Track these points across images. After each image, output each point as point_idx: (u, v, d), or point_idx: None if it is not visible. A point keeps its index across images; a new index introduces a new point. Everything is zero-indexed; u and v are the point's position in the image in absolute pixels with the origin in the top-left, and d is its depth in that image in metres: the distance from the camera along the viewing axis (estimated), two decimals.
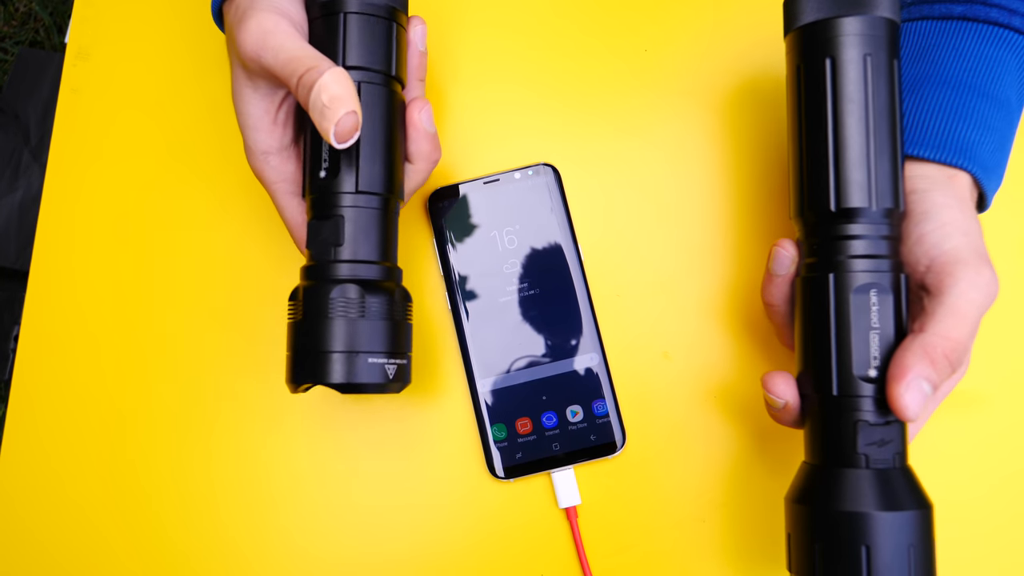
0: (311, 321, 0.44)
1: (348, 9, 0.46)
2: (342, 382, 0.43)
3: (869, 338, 0.42)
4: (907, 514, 0.40)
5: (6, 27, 1.48)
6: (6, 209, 1.34)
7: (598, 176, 0.56)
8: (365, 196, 0.46)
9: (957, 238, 0.43)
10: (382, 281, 0.46)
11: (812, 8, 0.44)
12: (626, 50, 0.58)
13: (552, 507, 0.54)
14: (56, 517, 0.55)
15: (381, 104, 0.46)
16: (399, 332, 0.46)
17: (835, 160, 0.43)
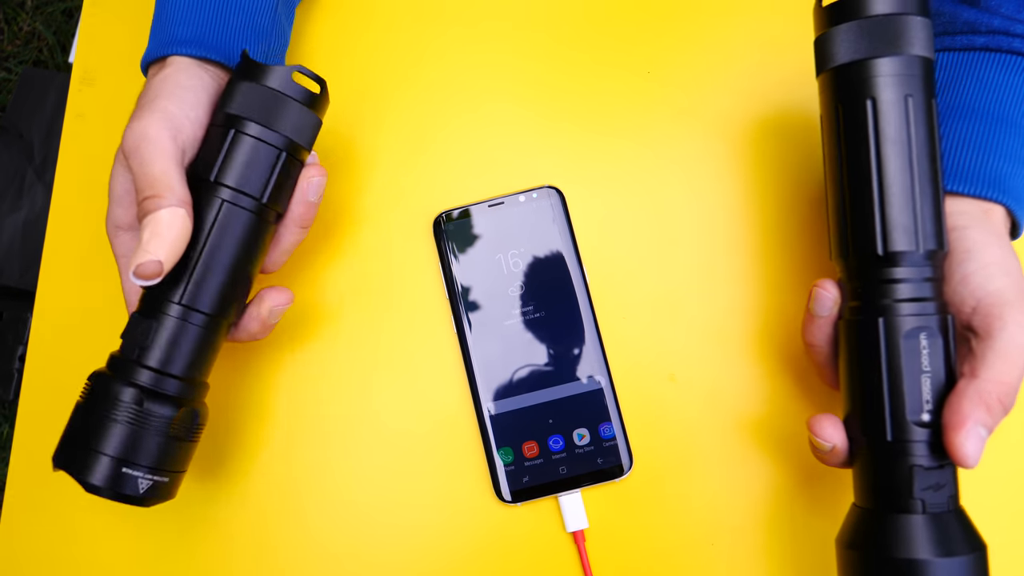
0: (90, 412, 0.44)
1: (240, 128, 0.46)
2: (94, 483, 0.43)
3: (921, 382, 0.42)
4: (964, 559, 0.40)
5: (10, 46, 1.49)
6: (10, 229, 1.34)
7: (603, 198, 0.57)
8: (189, 311, 0.46)
9: (1001, 278, 0.43)
10: (174, 396, 0.45)
11: (847, 49, 0.44)
12: (629, 72, 0.58)
13: (560, 531, 0.53)
14: (63, 538, 0.55)
15: (239, 229, 0.46)
16: (172, 449, 0.45)
17: (880, 203, 0.43)
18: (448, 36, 0.59)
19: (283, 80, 0.47)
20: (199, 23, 0.49)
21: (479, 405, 0.54)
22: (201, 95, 0.47)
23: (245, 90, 0.47)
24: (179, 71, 0.47)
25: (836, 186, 0.45)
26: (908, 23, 0.43)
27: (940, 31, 0.49)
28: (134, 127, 0.45)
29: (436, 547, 0.53)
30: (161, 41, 0.49)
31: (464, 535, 0.53)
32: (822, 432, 0.45)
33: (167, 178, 0.44)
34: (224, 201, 0.46)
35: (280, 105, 0.47)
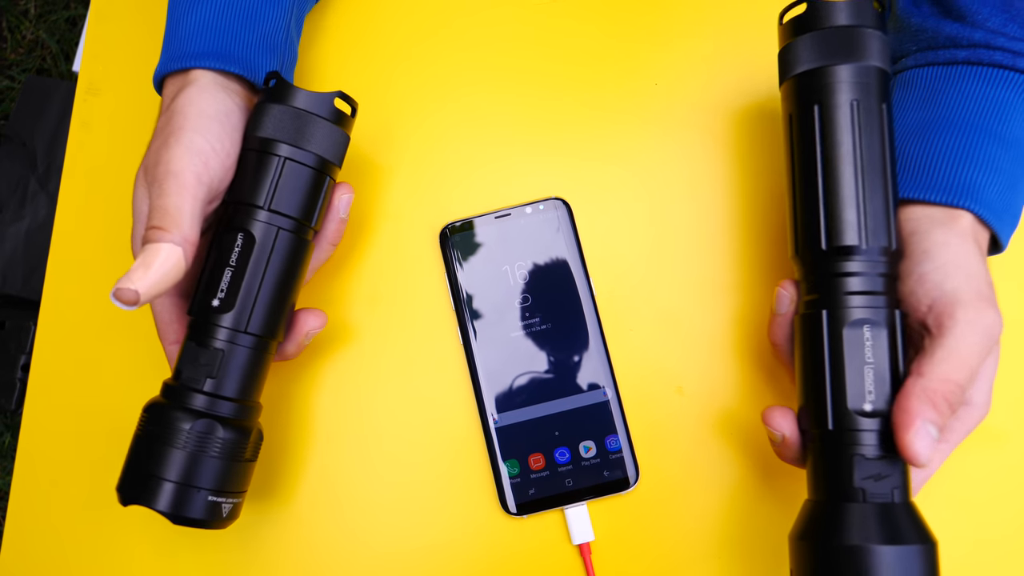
0: (157, 443, 0.44)
1: (284, 154, 0.47)
2: (168, 512, 0.44)
3: (864, 373, 0.43)
4: (908, 548, 0.40)
5: (13, 55, 1.49)
6: (12, 238, 1.34)
7: (610, 210, 0.57)
8: (248, 336, 0.46)
9: (956, 278, 0.43)
10: (238, 420, 0.46)
11: (805, 58, 0.46)
12: (636, 85, 0.58)
13: (565, 544, 0.53)
14: (69, 546, 0.54)
15: (290, 253, 0.47)
16: (240, 472, 0.46)
17: (826, 201, 0.45)
18: (455, 50, 0.59)
19: (324, 105, 0.48)
20: (217, 36, 0.48)
21: (485, 417, 0.54)
22: (227, 124, 0.47)
23: (289, 116, 0.47)
24: (202, 92, 0.47)
25: (791, 188, 0.47)
26: (860, 35, 0.45)
27: (925, 47, 0.50)
28: (161, 155, 0.45)
29: (442, 560, 0.53)
30: (178, 54, 0.48)
31: (470, 548, 0.53)
32: (772, 422, 0.46)
33: (179, 214, 0.44)
34: (280, 229, 0.47)
35: (321, 130, 0.48)
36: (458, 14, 0.60)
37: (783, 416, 0.46)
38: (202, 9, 0.49)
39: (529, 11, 0.59)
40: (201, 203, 0.45)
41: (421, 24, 0.60)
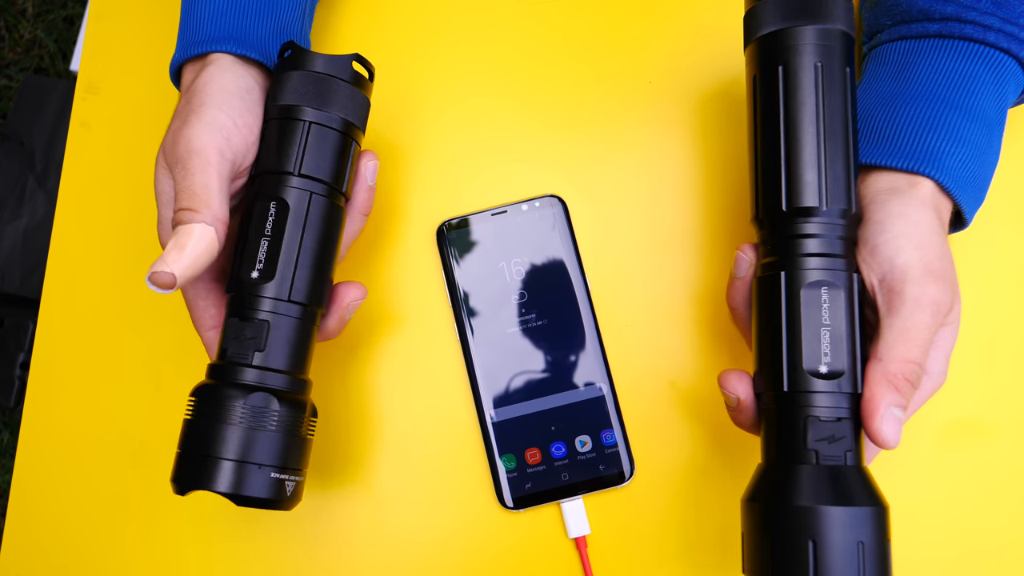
0: (209, 424, 0.42)
1: (309, 119, 0.46)
2: (229, 492, 0.41)
3: (820, 334, 0.43)
4: (856, 510, 0.40)
5: (11, 54, 1.49)
6: (11, 236, 1.34)
7: (605, 207, 0.57)
8: (292, 305, 0.45)
9: (908, 252, 0.44)
10: (291, 393, 0.44)
11: (769, 20, 0.46)
12: (631, 83, 0.58)
13: (562, 537, 0.54)
14: (69, 544, 0.55)
15: (325, 218, 0.46)
16: (299, 447, 0.44)
17: (787, 161, 0.44)
18: (450, 50, 0.59)
19: (343, 67, 0.47)
20: (235, 22, 0.48)
21: (482, 412, 0.54)
22: (248, 100, 0.47)
23: (310, 80, 0.46)
24: (223, 71, 0.47)
25: (752, 151, 0.47)
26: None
27: (899, 20, 0.50)
28: (182, 134, 0.45)
29: (439, 553, 0.54)
30: (196, 39, 0.48)
31: (467, 541, 0.54)
32: (727, 385, 0.46)
33: (207, 193, 0.43)
34: (313, 194, 0.46)
35: (343, 92, 0.47)
36: (454, 15, 0.60)
37: (739, 379, 0.46)
38: (212, 2, 0.48)
39: (525, 12, 0.60)
40: (227, 180, 0.45)
41: (417, 22, 0.60)
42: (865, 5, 0.55)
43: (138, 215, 0.58)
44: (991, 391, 0.54)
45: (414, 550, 0.54)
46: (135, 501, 0.55)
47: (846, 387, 0.42)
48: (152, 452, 0.55)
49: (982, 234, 0.56)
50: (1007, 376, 0.54)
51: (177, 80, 0.50)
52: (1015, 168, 0.56)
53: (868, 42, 0.53)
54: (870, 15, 0.53)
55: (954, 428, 0.54)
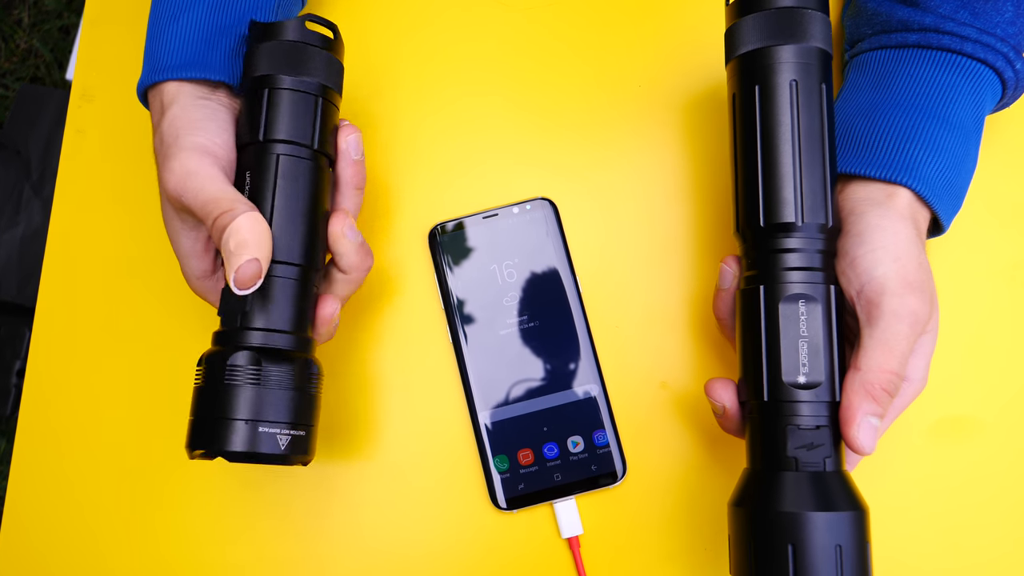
0: (212, 387, 0.43)
1: (273, 85, 0.46)
2: (235, 450, 0.42)
3: (798, 346, 0.44)
4: (834, 515, 0.41)
5: (7, 63, 1.49)
6: (7, 244, 1.34)
7: (595, 210, 0.57)
8: (278, 265, 0.45)
9: (887, 264, 0.44)
10: (290, 351, 0.45)
11: (749, 39, 0.46)
12: (620, 88, 0.59)
13: (555, 537, 0.54)
14: (64, 551, 0.55)
15: (300, 176, 0.46)
16: (302, 402, 0.45)
17: (764, 179, 0.45)
18: (441, 56, 0.60)
19: (298, 30, 0.47)
20: (198, 47, 0.48)
21: (475, 414, 0.54)
22: (218, 120, 0.47)
23: (266, 50, 0.47)
24: (186, 107, 0.46)
25: (733, 167, 0.47)
26: (802, 16, 0.45)
27: (879, 30, 0.51)
28: (172, 167, 0.44)
29: (433, 554, 0.54)
30: (159, 66, 0.48)
31: (461, 542, 0.54)
32: (713, 393, 0.47)
33: (228, 194, 0.43)
34: (280, 155, 0.46)
35: (301, 54, 0.47)
36: (444, 20, 0.60)
37: (724, 388, 0.47)
38: (184, 21, 0.48)
39: (515, 16, 0.60)
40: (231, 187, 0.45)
41: (407, 25, 0.60)
42: (847, 13, 0.55)
43: (132, 221, 0.58)
44: (977, 389, 0.54)
45: (409, 550, 0.54)
46: (130, 507, 0.55)
47: (825, 396, 0.43)
48: (147, 458, 0.55)
49: (966, 236, 0.56)
50: (992, 374, 0.55)
51: (144, 100, 0.50)
52: (998, 171, 0.57)
53: (849, 49, 0.54)
54: (852, 23, 0.54)
55: (942, 426, 0.54)
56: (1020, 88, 0.50)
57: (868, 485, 0.53)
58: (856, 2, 0.53)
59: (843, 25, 0.55)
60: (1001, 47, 0.48)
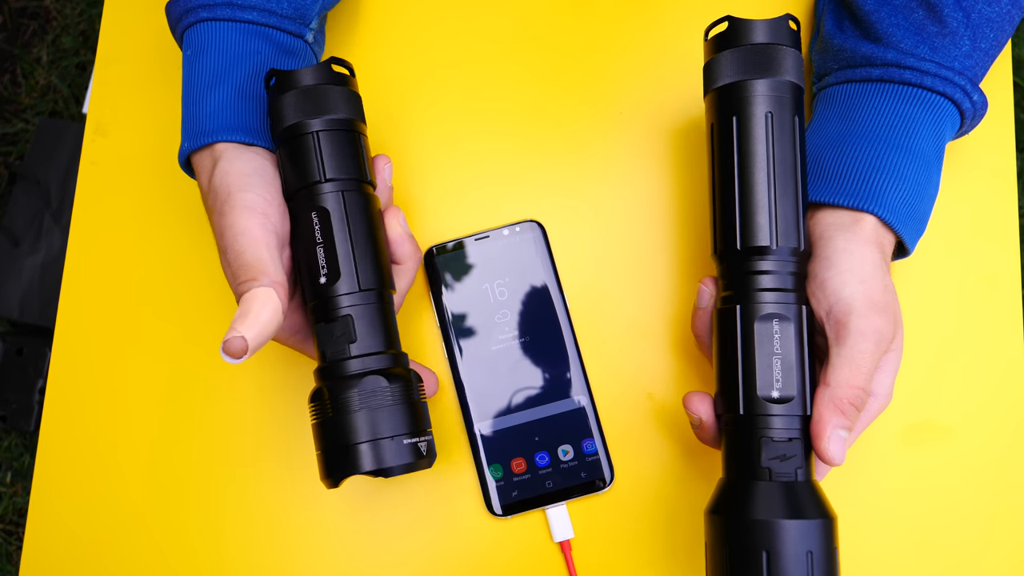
0: (337, 418, 0.44)
1: (315, 129, 0.47)
2: (375, 468, 0.43)
3: (772, 363, 0.44)
4: (806, 523, 0.41)
5: (27, 99, 1.50)
6: (29, 270, 1.34)
7: (581, 232, 0.58)
8: (366, 293, 0.46)
9: (853, 286, 0.45)
10: (393, 368, 0.46)
11: (725, 73, 0.47)
12: (605, 117, 0.59)
13: (547, 541, 0.54)
14: (85, 559, 0.55)
15: (364, 208, 0.47)
16: (418, 411, 0.46)
17: (740, 205, 0.46)
18: (435, 85, 0.60)
19: (324, 74, 0.47)
20: (240, 114, 0.48)
21: (470, 425, 0.54)
22: (265, 176, 0.47)
23: (299, 97, 0.47)
24: (235, 160, 0.47)
25: (711, 193, 0.48)
26: (776, 52, 0.46)
27: (845, 65, 0.51)
28: (223, 223, 0.45)
29: (432, 559, 0.54)
30: (202, 130, 0.47)
31: (458, 548, 0.54)
32: (691, 406, 0.47)
33: (260, 263, 0.44)
34: (344, 192, 0.46)
35: (334, 95, 0.47)
36: (435, 54, 0.61)
37: (701, 401, 0.47)
38: (222, 89, 0.48)
39: (504, 49, 0.60)
40: (276, 250, 0.45)
41: (398, 53, 0.61)
42: (815, 48, 0.56)
43: (146, 247, 0.59)
44: (943, 398, 0.55)
45: (408, 555, 0.54)
46: (146, 517, 0.55)
47: (796, 410, 0.44)
48: (163, 470, 0.56)
49: (931, 254, 0.56)
50: (956, 383, 0.55)
51: (187, 167, 0.50)
52: (959, 195, 0.57)
53: (817, 82, 0.54)
54: (819, 58, 0.54)
55: (909, 435, 0.54)
56: (978, 117, 0.50)
57: (836, 494, 0.53)
58: (823, 37, 0.54)
59: (811, 59, 0.56)
60: (959, 80, 0.48)
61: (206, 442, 0.56)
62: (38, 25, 1.53)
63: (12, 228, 1.35)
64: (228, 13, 0.49)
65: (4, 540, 1.37)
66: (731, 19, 0.47)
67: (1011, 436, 0.54)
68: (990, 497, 0.54)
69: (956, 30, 0.49)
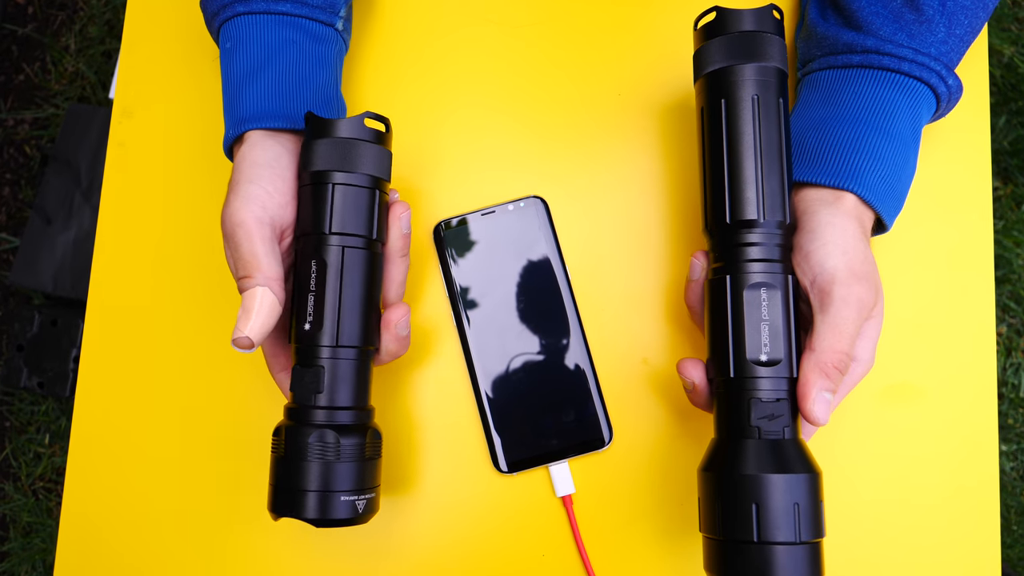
0: (291, 460, 0.44)
1: (334, 181, 0.46)
2: (316, 517, 0.44)
3: (760, 328, 0.44)
4: (793, 476, 0.41)
5: (57, 85, 1.49)
6: (62, 246, 1.34)
7: (582, 207, 0.57)
8: (344, 349, 0.45)
9: (836, 257, 0.44)
10: (355, 425, 0.45)
11: (714, 59, 0.46)
12: (602, 99, 0.58)
13: (550, 496, 0.54)
14: (123, 519, 0.55)
15: (361, 266, 0.46)
16: (368, 470, 0.46)
17: (730, 181, 0.45)
18: (444, 69, 0.59)
19: (356, 128, 0.47)
20: (271, 102, 0.48)
21: (477, 388, 0.54)
22: (277, 167, 0.47)
23: (328, 147, 0.46)
24: (253, 147, 0.47)
25: (702, 172, 0.48)
26: (762, 39, 0.46)
27: (827, 52, 0.51)
28: (225, 212, 0.45)
29: (444, 514, 0.54)
30: (238, 119, 0.48)
31: (468, 502, 0.54)
32: (684, 371, 0.47)
33: (255, 259, 0.44)
34: (344, 247, 0.46)
35: (359, 151, 0.46)
36: (443, 39, 0.60)
37: (694, 366, 0.47)
38: (259, 79, 0.48)
39: (508, 35, 0.59)
40: (269, 242, 0.45)
41: (403, 36, 0.60)
42: (799, 36, 0.55)
43: (172, 222, 0.58)
44: (918, 362, 0.55)
45: (422, 512, 0.54)
46: (177, 472, 0.55)
47: (783, 372, 0.44)
48: (191, 429, 0.56)
49: (909, 229, 0.56)
50: (931, 347, 0.55)
51: (230, 154, 0.50)
52: (934, 174, 0.57)
53: (801, 68, 0.54)
54: (803, 45, 0.54)
55: (886, 395, 0.54)
56: (953, 101, 0.50)
57: (820, 452, 0.53)
58: (806, 25, 0.53)
59: (796, 47, 0.55)
60: (935, 65, 0.48)
61: (233, 402, 0.56)
62: (66, 15, 1.51)
63: (45, 207, 1.35)
64: (263, 6, 0.49)
65: (44, 496, 1.38)
66: (719, 9, 0.47)
67: (977, 397, 0.54)
68: (958, 452, 0.54)
69: (932, 18, 0.48)
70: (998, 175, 1.36)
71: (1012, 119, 1.36)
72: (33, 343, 1.33)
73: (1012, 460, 1.31)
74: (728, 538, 0.42)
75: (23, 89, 1.50)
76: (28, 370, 1.32)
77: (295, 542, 0.54)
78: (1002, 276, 1.32)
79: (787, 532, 0.41)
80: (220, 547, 0.54)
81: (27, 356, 1.33)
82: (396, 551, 0.53)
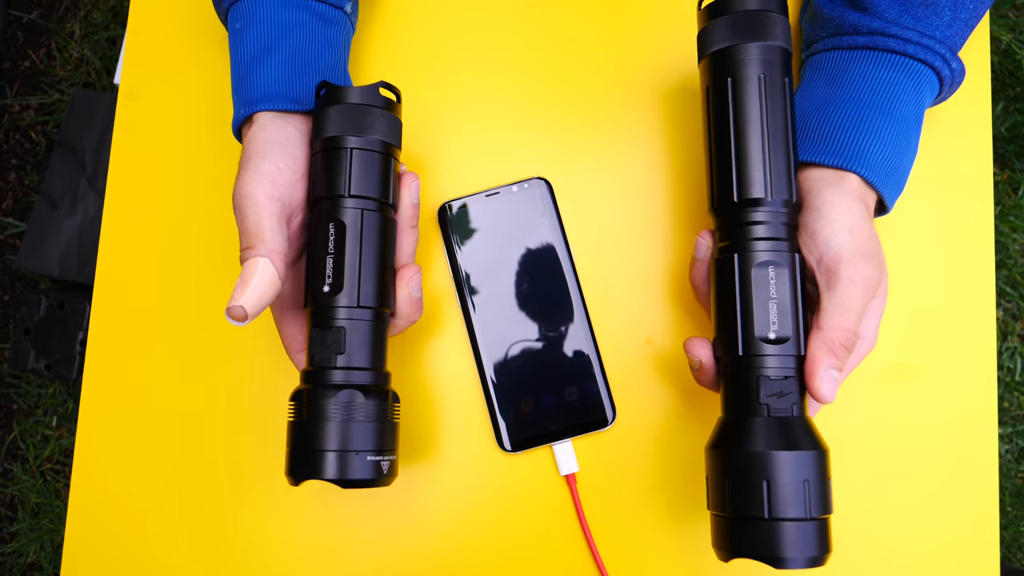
0: (312, 422, 0.43)
1: (351, 146, 0.46)
2: (337, 478, 0.43)
3: (768, 306, 0.43)
4: (802, 453, 0.41)
5: (62, 71, 1.48)
6: (68, 231, 1.33)
7: (586, 187, 0.56)
8: (363, 310, 0.45)
9: (842, 236, 0.44)
10: (374, 386, 0.45)
11: (719, 38, 0.46)
12: (606, 80, 0.58)
13: (554, 475, 0.54)
14: (130, 503, 0.55)
15: (378, 229, 0.46)
16: (388, 432, 0.45)
17: (737, 160, 0.45)
18: (450, 52, 0.59)
19: (371, 95, 0.46)
20: (280, 83, 0.47)
21: (482, 368, 0.54)
22: (288, 146, 0.46)
23: (341, 113, 0.46)
24: (264, 127, 0.47)
25: (708, 151, 0.47)
26: (766, 18, 0.45)
27: (832, 33, 0.50)
28: (236, 187, 0.45)
29: (450, 492, 0.54)
30: (247, 99, 0.47)
31: (473, 481, 0.54)
32: (691, 350, 0.47)
33: (259, 231, 0.43)
34: (365, 210, 0.45)
35: (377, 117, 0.46)
36: (450, 24, 0.59)
37: (701, 345, 0.46)
38: (269, 60, 0.48)
39: (513, 18, 0.59)
40: (277, 217, 0.44)
41: (410, 19, 0.59)
42: (804, 16, 0.54)
43: (176, 206, 0.58)
44: (919, 340, 0.54)
45: (428, 490, 0.54)
46: (182, 455, 0.55)
47: (791, 350, 0.43)
48: (196, 411, 0.55)
49: (911, 212, 0.55)
50: (932, 326, 0.54)
51: (238, 135, 0.50)
52: (936, 156, 0.56)
53: (806, 49, 0.53)
54: (808, 26, 0.53)
55: (889, 374, 0.54)
56: (956, 84, 0.49)
57: (825, 429, 0.53)
58: (812, 6, 0.53)
59: (801, 27, 0.55)
60: (939, 48, 0.47)
61: (241, 382, 0.55)
62: (71, 2, 1.50)
63: (51, 192, 1.34)
64: None
65: (52, 478, 1.38)
66: None
67: (976, 376, 0.54)
68: (957, 432, 0.53)
69: (938, 1, 0.47)
70: (995, 161, 1.35)
71: (1009, 105, 1.35)
72: (40, 326, 1.32)
73: (1007, 443, 1.31)
74: (738, 515, 0.41)
75: (29, 75, 1.49)
76: (35, 353, 1.32)
77: (303, 520, 0.54)
78: (998, 261, 1.32)
79: (797, 508, 0.40)
80: (228, 527, 0.54)
81: (34, 339, 1.32)
82: (399, 530, 0.53)
